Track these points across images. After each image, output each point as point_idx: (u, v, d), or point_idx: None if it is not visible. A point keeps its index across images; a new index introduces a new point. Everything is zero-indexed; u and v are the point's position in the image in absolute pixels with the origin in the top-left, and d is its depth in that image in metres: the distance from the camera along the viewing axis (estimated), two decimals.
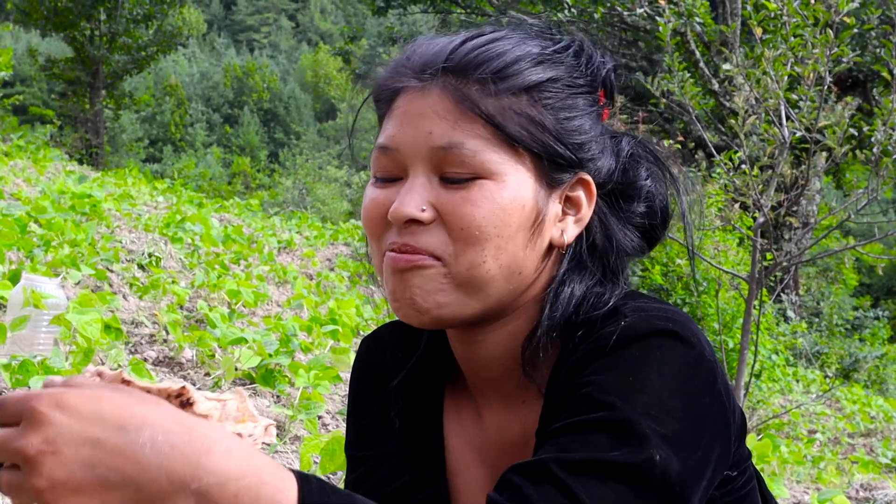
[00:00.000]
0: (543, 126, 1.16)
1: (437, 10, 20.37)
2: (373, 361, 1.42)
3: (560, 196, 1.20)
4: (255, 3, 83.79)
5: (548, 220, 1.18)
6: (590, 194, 1.21)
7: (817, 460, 6.29)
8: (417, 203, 1.13)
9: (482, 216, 1.12)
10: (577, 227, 1.21)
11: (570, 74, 1.20)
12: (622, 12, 13.74)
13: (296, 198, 28.17)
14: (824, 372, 13.45)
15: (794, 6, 4.67)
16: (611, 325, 1.11)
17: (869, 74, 15.44)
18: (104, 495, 0.84)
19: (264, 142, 56.76)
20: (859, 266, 21.21)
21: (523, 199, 1.15)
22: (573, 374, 1.10)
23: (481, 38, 1.19)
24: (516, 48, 1.18)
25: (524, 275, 1.18)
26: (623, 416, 1.01)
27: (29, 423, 0.85)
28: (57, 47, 35.11)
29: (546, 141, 1.16)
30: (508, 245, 1.14)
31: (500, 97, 1.14)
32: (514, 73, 1.16)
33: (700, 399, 1.07)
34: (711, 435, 1.07)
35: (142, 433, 0.85)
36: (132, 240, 6.96)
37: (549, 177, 1.18)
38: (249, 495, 0.86)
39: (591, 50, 1.26)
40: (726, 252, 9.87)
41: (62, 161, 14.09)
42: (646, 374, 1.05)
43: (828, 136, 4.65)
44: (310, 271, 8.62)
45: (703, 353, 1.09)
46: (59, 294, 3.76)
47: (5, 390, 3.12)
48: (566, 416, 1.05)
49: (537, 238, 1.18)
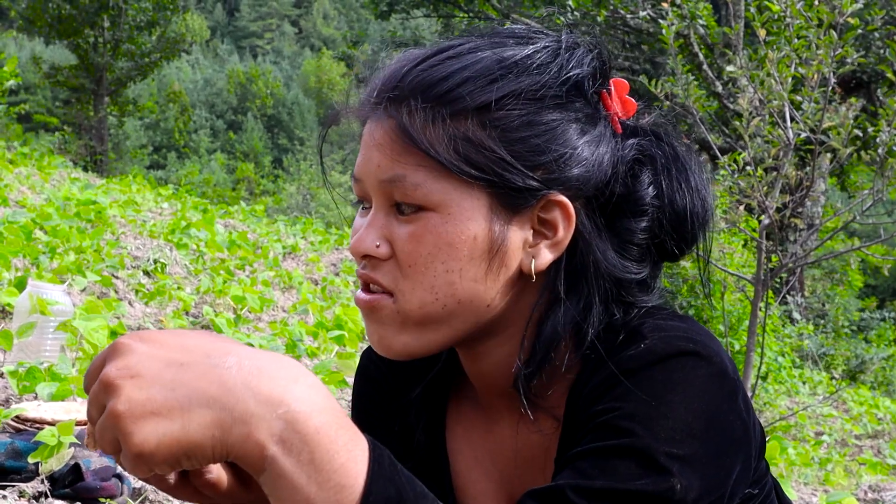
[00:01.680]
0: (490, 152, 1.07)
1: (440, 14, 20.40)
2: (374, 374, 1.37)
3: (530, 220, 1.11)
4: (258, 9, 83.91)
5: (511, 249, 1.10)
6: (566, 215, 1.10)
7: (825, 462, 6.27)
8: (372, 239, 1.11)
9: (427, 252, 1.08)
10: (553, 252, 1.12)
11: (533, 86, 1.10)
12: (625, 15, 13.74)
13: (300, 203, 28.21)
14: (831, 373, 13.43)
15: (798, 8, 4.66)
16: (631, 347, 1.06)
17: (873, 75, 15.42)
18: (186, 417, 0.82)
19: (268, 147, 56.86)
20: (865, 267, 21.15)
21: (473, 230, 1.08)
22: (594, 399, 1.06)
23: (434, 57, 1.12)
24: (468, 66, 1.09)
25: (493, 306, 1.12)
26: (645, 443, 0.98)
27: (112, 354, 0.85)
28: (61, 55, 35.20)
29: (492, 169, 1.07)
30: (461, 280, 1.09)
31: (444, 124, 1.08)
32: (461, 96, 1.08)
33: (723, 417, 1.04)
34: (733, 453, 1.05)
35: (228, 358, 0.85)
36: (137, 246, 6.96)
37: (507, 203, 1.09)
38: (329, 435, 0.84)
39: (570, 52, 1.14)
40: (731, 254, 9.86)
41: (67, 168, 14.10)
42: (669, 398, 1.01)
43: (832, 138, 4.65)
44: (315, 276, 8.62)
45: (725, 370, 1.06)
46: (66, 301, 3.76)
47: (12, 398, 3.13)
48: (587, 442, 1.02)
49: (499, 268, 1.10)
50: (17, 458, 2.39)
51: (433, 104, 1.08)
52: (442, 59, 1.11)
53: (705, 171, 1.21)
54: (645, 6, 13.10)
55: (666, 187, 1.15)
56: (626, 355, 1.06)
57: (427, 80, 1.09)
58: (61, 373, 3.18)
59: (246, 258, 8.01)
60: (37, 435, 2.36)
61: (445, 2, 19.65)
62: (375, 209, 1.12)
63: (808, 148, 5.25)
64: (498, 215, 1.09)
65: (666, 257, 1.20)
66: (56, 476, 2.37)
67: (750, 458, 1.10)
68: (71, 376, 3.18)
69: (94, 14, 23.17)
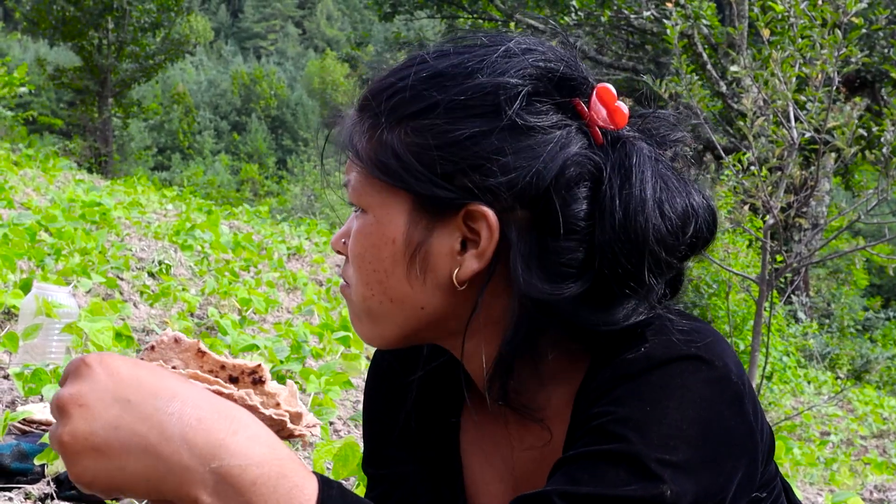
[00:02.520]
0: (402, 159, 1.11)
1: (444, 15, 20.41)
2: (387, 371, 1.38)
3: (457, 228, 1.11)
4: (262, 11, 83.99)
5: (435, 255, 1.12)
6: (489, 226, 1.09)
7: (830, 462, 6.27)
8: (339, 235, 1.22)
9: (359, 252, 1.16)
10: (478, 262, 1.10)
11: (458, 96, 1.09)
12: (629, 15, 13.73)
13: (304, 204, 28.22)
14: (836, 373, 13.41)
15: (802, 7, 4.66)
16: (632, 350, 1.07)
17: (877, 75, 15.40)
18: (123, 460, 0.85)
19: (272, 149, 56.90)
20: (869, 267, 21.15)
21: (392, 233, 1.13)
22: (592, 402, 1.07)
23: (391, 71, 1.18)
24: (402, 79, 1.14)
25: (429, 310, 1.15)
26: (636, 449, 0.98)
27: (73, 374, 0.88)
28: (65, 56, 35.24)
29: (407, 177, 1.10)
30: (389, 280, 1.14)
31: (372, 132, 1.15)
32: (388, 108, 1.14)
33: (723, 423, 1.03)
34: (736, 457, 1.04)
35: (172, 403, 0.86)
36: (142, 248, 6.97)
37: (428, 209, 1.11)
38: (268, 486, 0.85)
39: (515, 56, 1.12)
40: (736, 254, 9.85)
41: (71, 170, 14.12)
42: (665, 404, 1.01)
43: (837, 137, 4.64)
44: (319, 277, 8.62)
45: (728, 374, 1.05)
46: (71, 302, 3.77)
47: (18, 399, 3.13)
48: (580, 446, 1.03)
49: (423, 273, 1.12)
50: (23, 459, 2.39)
51: (368, 114, 1.16)
52: (393, 71, 1.17)
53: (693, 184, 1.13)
54: (649, 6, 13.10)
55: (611, 205, 1.07)
56: (626, 359, 1.06)
57: (370, 93, 1.17)
58: None
59: (250, 259, 8.01)
60: (42, 437, 2.36)
61: (449, 3, 19.66)
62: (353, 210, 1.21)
63: (812, 147, 5.25)
64: (418, 221, 1.12)
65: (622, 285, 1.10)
66: (62, 478, 2.38)
67: (755, 463, 1.09)
68: None
69: (99, 16, 23.23)
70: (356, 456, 2.55)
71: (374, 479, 1.37)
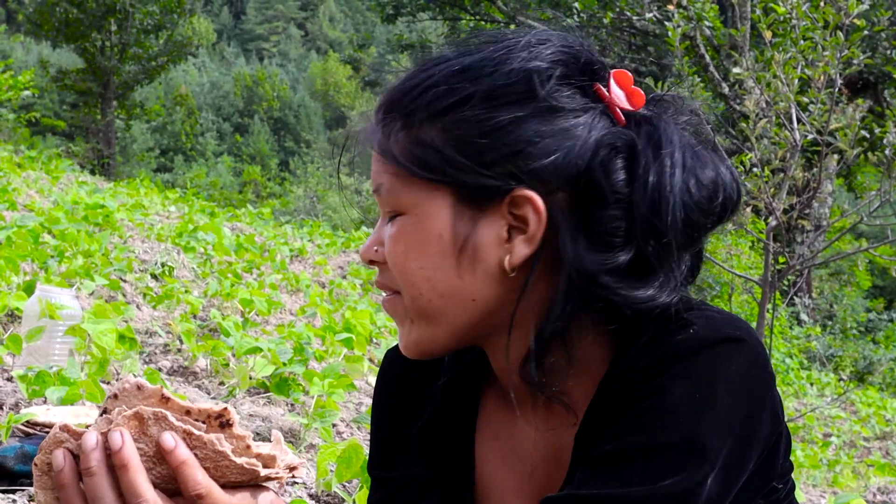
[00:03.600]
0: (443, 153, 1.13)
1: (446, 17, 20.41)
2: (398, 373, 1.39)
3: (501, 216, 1.13)
4: (265, 12, 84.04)
5: (482, 244, 1.14)
6: (535, 209, 1.12)
7: (833, 464, 6.26)
8: (370, 245, 1.22)
9: (401, 253, 1.16)
10: (528, 247, 1.13)
11: (490, 87, 1.13)
12: (631, 17, 13.74)
13: (307, 206, 28.25)
14: (839, 375, 13.40)
15: (804, 9, 4.66)
16: (680, 333, 1.10)
17: (880, 76, 15.39)
18: None
19: (275, 150, 56.89)
20: (872, 268, 21.13)
21: (438, 228, 1.14)
22: (644, 380, 1.09)
23: (412, 73, 1.19)
24: (429, 77, 1.16)
25: (480, 300, 1.16)
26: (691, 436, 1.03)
27: None
28: (68, 58, 35.27)
29: (449, 171, 1.13)
30: (437, 275, 1.15)
31: (406, 132, 1.16)
32: (419, 106, 1.15)
33: (758, 413, 1.09)
34: (759, 444, 1.10)
35: None
36: (145, 250, 6.98)
37: (471, 201, 1.14)
38: None
39: (537, 45, 1.16)
40: (739, 256, 9.86)
41: (74, 172, 14.15)
42: (713, 388, 1.05)
43: (839, 139, 4.64)
44: (322, 279, 8.63)
45: (767, 357, 1.11)
46: (74, 305, 3.77)
47: (22, 402, 3.14)
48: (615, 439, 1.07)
49: (474, 264, 1.14)
50: (27, 462, 2.40)
51: (399, 115, 1.17)
52: (414, 73, 1.19)
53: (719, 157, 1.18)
54: (651, 8, 13.10)
55: (645, 174, 1.11)
56: (675, 340, 1.09)
57: (396, 94, 1.18)
58: (70, 377, 3.19)
59: (253, 261, 8.02)
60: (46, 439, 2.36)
61: (451, 4, 19.66)
62: (380, 218, 1.22)
63: (814, 149, 5.25)
64: (462, 213, 1.14)
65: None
66: None
67: (776, 453, 1.15)
68: (80, 380, 3.19)
69: (102, 18, 23.26)
70: (360, 458, 2.56)
71: (378, 481, 1.37)
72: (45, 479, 0.96)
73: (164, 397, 0.96)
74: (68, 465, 0.96)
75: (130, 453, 0.94)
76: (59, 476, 0.96)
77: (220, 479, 0.96)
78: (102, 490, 0.94)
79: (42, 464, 0.96)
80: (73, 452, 0.95)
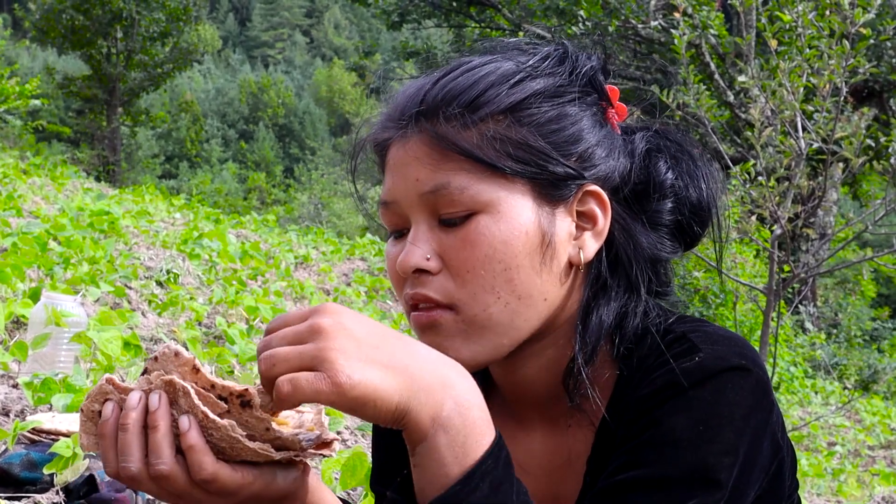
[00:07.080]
0: (528, 146, 1.12)
1: (452, 24, 20.44)
2: None
3: (569, 212, 1.15)
4: (270, 20, 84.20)
5: (558, 240, 1.14)
6: (602, 204, 1.16)
7: (837, 473, 6.25)
8: (421, 253, 1.13)
9: (483, 254, 1.10)
10: (597, 241, 1.16)
11: (554, 84, 1.16)
12: (636, 25, 13.74)
13: (311, 213, 28.27)
14: (843, 383, 13.36)
15: (810, 18, 4.66)
16: (684, 360, 1.07)
17: (885, 85, 15.38)
18: (385, 372, 0.92)
19: (279, 157, 57.00)
20: (877, 277, 21.10)
21: (523, 225, 1.11)
22: (642, 411, 1.07)
23: (453, 72, 1.17)
24: (489, 74, 1.15)
25: (550, 300, 1.14)
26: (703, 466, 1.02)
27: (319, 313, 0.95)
28: (74, 65, 35.39)
29: (533, 161, 1.12)
30: (519, 275, 1.11)
31: (478, 127, 1.12)
32: (488, 100, 1.13)
33: (760, 444, 1.07)
34: (759, 472, 1.08)
35: (417, 343, 0.98)
36: (150, 256, 6.99)
37: (548, 195, 1.13)
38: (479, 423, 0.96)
39: (577, 53, 1.21)
40: (743, 264, 9.84)
41: (79, 178, 14.17)
42: (717, 421, 1.04)
43: (844, 147, 4.64)
44: (327, 286, 8.64)
45: (768, 382, 1.09)
46: (80, 312, 3.78)
47: (27, 409, 3.14)
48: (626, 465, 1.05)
49: (551, 261, 1.13)
50: (33, 469, 2.40)
51: (465, 110, 1.13)
52: (461, 72, 1.17)
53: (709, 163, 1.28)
54: (656, 16, 13.11)
55: (681, 172, 1.23)
56: (681, 367, 1.07)
57: (454, 90, 1.14)
58: (76, 384, 3.19)
59: (258, 268, 8.03)
60: (52, 446, 2.37)
61: (457, 12, 19.69)
62: (417, 226, 1.15)
63: (820, 158, 5.25)
64: (543, 208, 1.13)
65: (684, 244, 1.26)
66: (71, 487, 2.38)
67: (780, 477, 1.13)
68: (85, 387, 3.19)
69: (108, 25, 23.32)
70: (364, 466, 2.56)
71: (382, 498, 1.36)
72: (88, 425, 1.03)
73: (195, 368, 1.00)
74: (113, 418, 1.00)
75: (162, 416, 0.97)
76: (104, 425, 1.00)
77: (236, 458, 1.00)
78: (132, 447, 0.98)
79: (87, 410, 1.03)
80: (120, 406, 1.01)
